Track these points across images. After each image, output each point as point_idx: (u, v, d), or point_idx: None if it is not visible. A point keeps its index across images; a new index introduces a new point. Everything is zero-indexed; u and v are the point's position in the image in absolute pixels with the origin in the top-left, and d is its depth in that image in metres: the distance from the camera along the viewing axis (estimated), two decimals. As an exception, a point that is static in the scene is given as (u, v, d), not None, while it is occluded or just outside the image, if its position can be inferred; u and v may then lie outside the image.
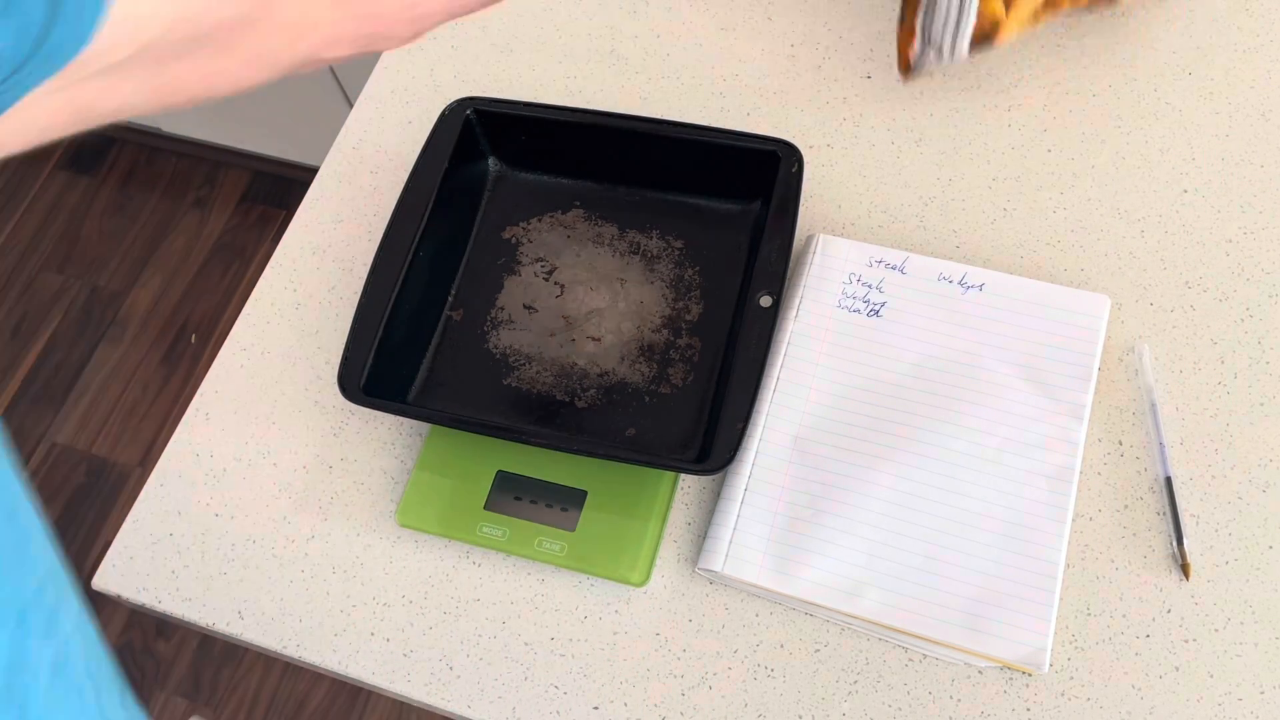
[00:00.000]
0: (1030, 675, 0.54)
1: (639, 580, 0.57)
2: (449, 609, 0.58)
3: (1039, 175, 0.68)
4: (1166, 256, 0.64)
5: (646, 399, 0.61)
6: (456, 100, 0.67)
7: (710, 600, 0.57)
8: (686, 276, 0.65)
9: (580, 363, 0.63)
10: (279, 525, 0.61)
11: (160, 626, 1.43)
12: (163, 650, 1.42)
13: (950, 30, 0.62)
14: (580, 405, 0.61)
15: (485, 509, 0.59)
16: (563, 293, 0.65)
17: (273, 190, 1.78)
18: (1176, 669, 0.53)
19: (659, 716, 0.54)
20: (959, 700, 0.53)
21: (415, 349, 0.63)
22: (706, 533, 0.57)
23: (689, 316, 0.63)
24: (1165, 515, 0.57)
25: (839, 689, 0.54)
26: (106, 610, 1.45)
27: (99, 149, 1.85)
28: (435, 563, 0.59)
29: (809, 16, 0.75)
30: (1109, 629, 0.54)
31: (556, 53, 0.76)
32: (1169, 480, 0.57)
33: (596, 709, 0.55)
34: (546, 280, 0.66)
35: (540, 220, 0.68)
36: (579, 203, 0.68)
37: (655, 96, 0.73)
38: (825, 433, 0.59)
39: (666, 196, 0.67)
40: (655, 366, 0.62)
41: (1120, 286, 0.63)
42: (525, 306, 0.65)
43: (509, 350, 0.63)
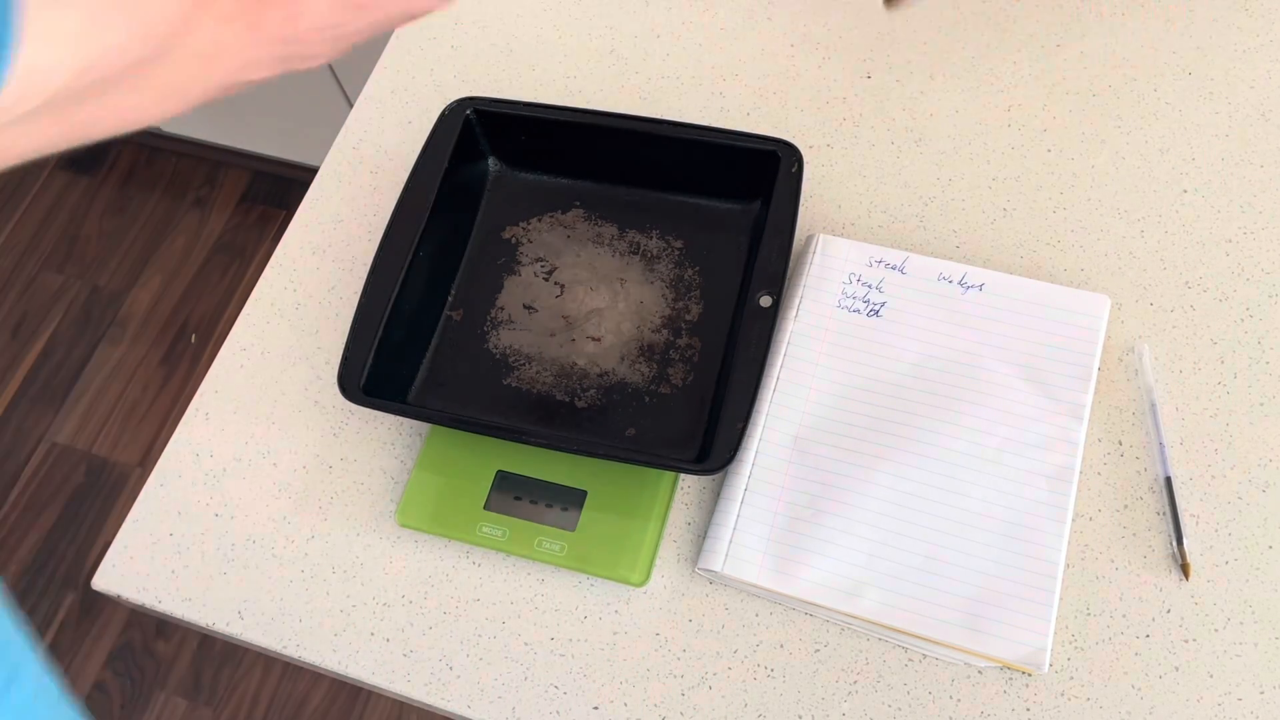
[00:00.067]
0: (1030, 675, 0.54)
1: (639, 580, 0.57)
2: (449, 609, 0.58)
3: (1039, 175, 0.68)
4: (1166, 256, 0.64)
5: (646, 399, 0.61)
6: (456, 100, 0.67)
7: (710, 600, 0.57)
8: (686, 276, 0.65)
9: (580, 363, 0.63)
10: (279, 525, 0.61)
11: (160, 626, 1.43)
12: (163, 650, 1.42)
13: None
14: (580, 405, 0.61)
15: (485, 509, 0.59)
16: (563, 293, 0.65)
17: (273, 190, 1.78)
18: (1176, 669, 0.53)
19: (659, 716, 0.54)
20: (959, 700, 0.53)
21: (415, 349, 0.63)
22: (706, 533, 0.57)
23: (689, 316, 0.63)
24: (1165, 515, 0.57)
25: (839, 689, 0.54)
26: (106, 610, 1.45)
27: (99, 149, 1.85)
28: (435, 563, 0.59)
29: (809, 16, 0.75)
30: (1109, 629, 0.54)
31: (556, 53, 0.76)
32: (1169, 480, 0.57)
33: (596, 709, 0.55)
34: (546, 280, 0.66)
35: (540, 220, 0.68)
36: (579, 203, 0.68)
37: (655, 96, 0.73)
38: (825, 433, 0.59)
39: (666, 196, 0.67)
40: (655, 366, 0.62)
41: (1120, 286, 0.63)
42: (525, 306, 0.65)
43: (509, 350, 0.63)
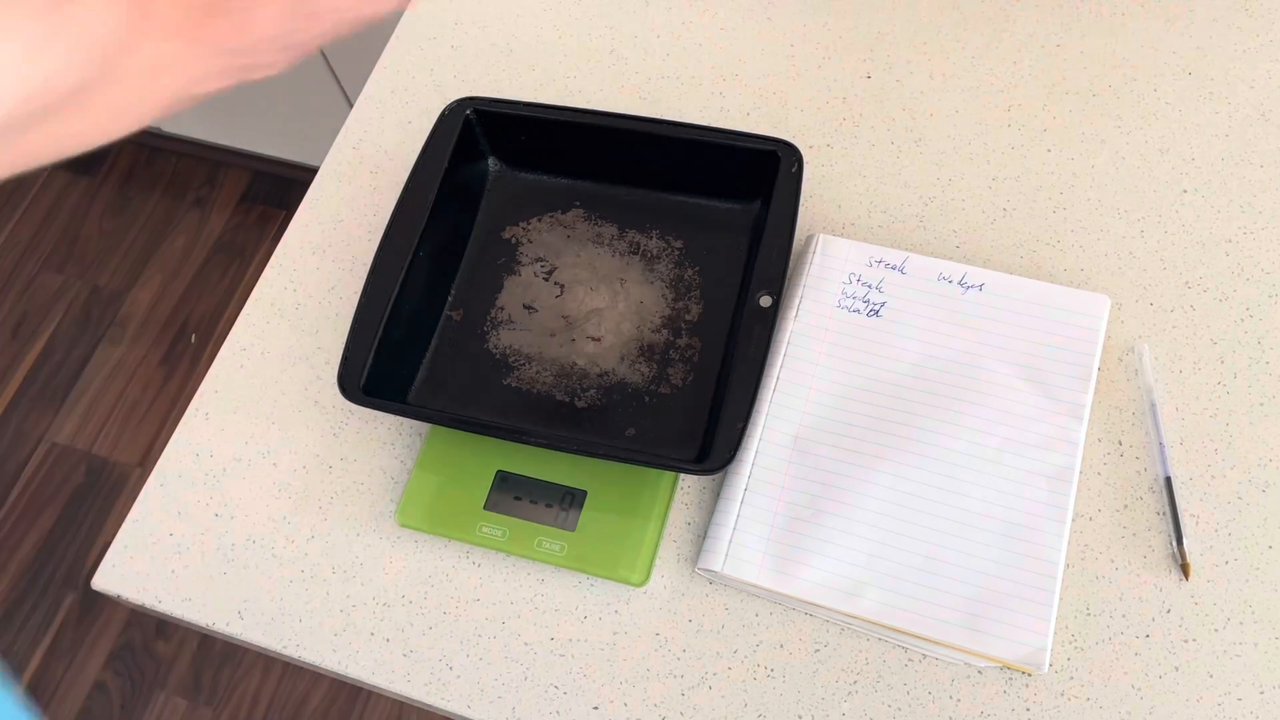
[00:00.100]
0: (1030, 675, 0.54)
1: (639, 580, 0.57)
2: (449, 609, 0.58)
3: (1039, 175, 0.68)
4: (1166, 256, 0.64)
5: (646, 399, 0.61)
6: (456, 100, 0.67)
7: (710, 600, 0.57)
8: (686, 276, 0.65)
9: (580, 363, 0.63)
10: (279, 525, 0.61)
11: (160, 626, 1.43)
12: (163, 650, 1.42)
13: None
14: (580, 405, 0.61)
15: (485, 509, 0.59)
16: (563, 293, 0.65)
17: (273, 190, 1.78)
18: (1176, 669, 0.53)
19: (659, 716, 0.54)
20: (959, 700, 0.53)
21: (415, 349, 0.63)
22: (706, 533, 0.57)
23: (689, 316, 0.63)
24: (1165, 515, 0.57)
25: (839, 689, 0.54)
26: (107, 610, 1.45)
27: (99, 149, 1.85)
28: (435, 563, 0.59)
29: (809, 16, 0.75)
30: (1109, 629, 0.54)
31: (556, 53, 0.76)
32: (1169, 480, 0.57)
33: (596, 709, 0.55)
34: (546, 280, 0.66)
35: (540, 220, 0.68)
36: (579, 203, 0.68)
37: (655, 96, 0.73)
38: (825, 433, 0.59)
39: (666, 196, 0.67)
40: (655, 366, 0.62)
41: (1120, 286, 0.63)
42: (525, 306, 0.65)
43: (509, 350, 0.63)
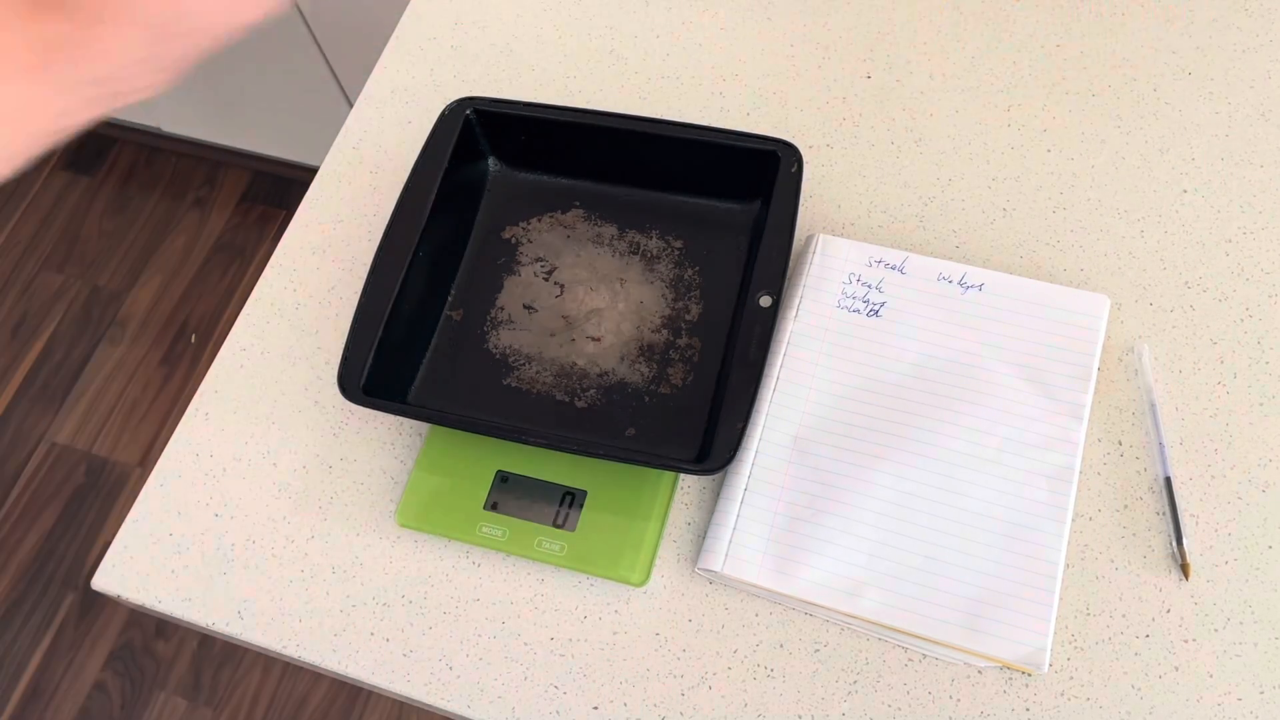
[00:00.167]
0: (1030, 675, 0.54)
1: (639, 580, 0.57)
2: (449, 609, 0.58)
3: (1039, 175, 0.68)
4: (1166, 256, 0.64)
5: (646, 399, 0.61)
6: (456, 100, 0.67)
7: (710, 600, 0.57)
8: (686, 276, 0.65)
9: (580, 363, 0.63)
10: (279, 525, 0.61)
11: (160, 626, 1.43)
12: (163, 650, 1.42)
13: None
14: (580, 405, 0.61)
15: (485, 509, 0.59)
16: (563, 293, 0.65)
17: (273, 190, 1.78)
18: (1176, 669, 0.53)
19: (659, 716, 0.54)
20: (959, 700, 0.53)
21: (415, 349, 0.63)
22: (706, 533, 0.57)
23: (689, 316, 0.63)
24: (1165, 515, 0.57)
25: (839, 689, 0.54)
26: (107, 610, 1.45)
27: (99, 149, 1.85)
28: (435, 563, 0.59)
29: (809, 16, 0.75)
30: (1109, 629, 0.54)
31: (556, 53, 0.76)
32: (1169, 480, 0.57)
33: (596, 709, 0.55)
34: (546, 280, 0.66)
35: (540, 220, 0.68)
36: (579, 203, 0.68)
37: (655, 96, 0.73)
38: (825, 433, 0.59)
39: (666, 196, 0.67)
40: (655, 366, 0.62)
41: (1120, 286, 0.63)
42: (525, 306, 0.65)
43: (509, 350, 0.63)
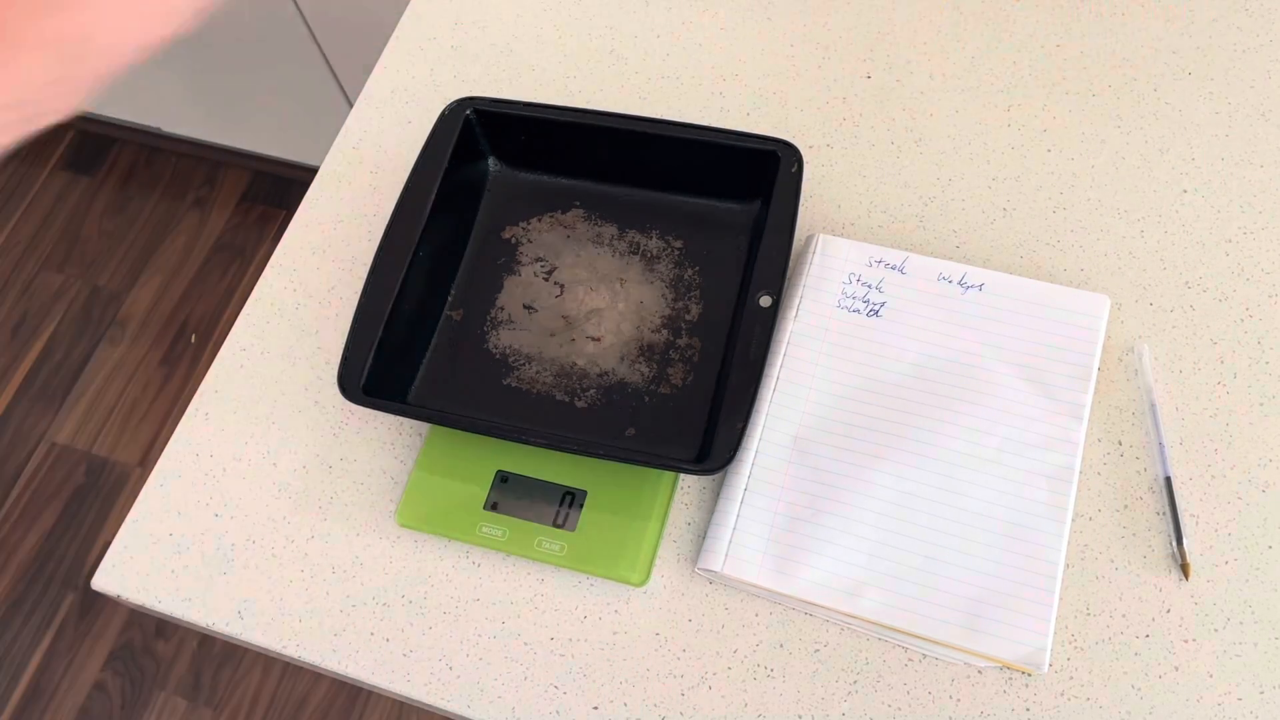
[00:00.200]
0: (1030, 675, 0.54)
1: (639, 580, 0.57)
2: (449, 609, 0.58)
3: (1039, 175, 0.68)
4: (1166, 256, 0.64)
5: (646, 399, 0.61)
6: (456, 100, 0.67)
7: (710, 600, 0.57)
8: (686, 276, 0.65)
9: (580, 363, 0.63)
10: (279, 525, 0.61)
11: (160, 626, 1.43)
12: (163, 650, 1.42)
13: None
14: (580, 405, 0.61)
15: (485, 509, 0.59)
16: (563, 293, 0.65)
17: (273, 190, 1.78)
18: (1176, 669, 0.53)
19: (659, 716, 0.54)
20: (959, 700, 0.53)
21: (415, 349, 0.63)
22: (706, 533, 0.57)
23: (689, 316, 0.63)
24: (1165, 515, 0.57)
25: (839, 689, 0.54)
26: (107, 610, 1.45)
27: (99, 149, 1.85)
28: (435, 563, 0.59)
29: (809, 16, 0.75)
30: (1109, 629, 0.54)
31: (556, 53, 0.76)
32: (1169, 480, 0.57)
33: (596, 709, 0.55)
34: (546, 280, 0.66)
35: (540, 220, 0.68)
36: (579, 203, 0.68)
37: (655, 96, 0.73)
38: (825, 433, 0.59)
39: (666, 196, 0.67)
40: (655, 366, 0.62)
41: (1120, 286, 0.63)
42: (525, 306, 0.65)
43: (509, 350, 0.63)
